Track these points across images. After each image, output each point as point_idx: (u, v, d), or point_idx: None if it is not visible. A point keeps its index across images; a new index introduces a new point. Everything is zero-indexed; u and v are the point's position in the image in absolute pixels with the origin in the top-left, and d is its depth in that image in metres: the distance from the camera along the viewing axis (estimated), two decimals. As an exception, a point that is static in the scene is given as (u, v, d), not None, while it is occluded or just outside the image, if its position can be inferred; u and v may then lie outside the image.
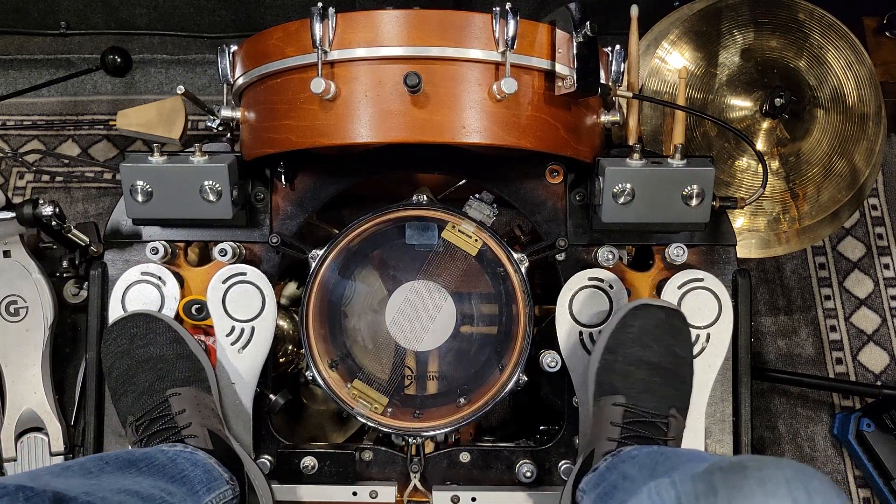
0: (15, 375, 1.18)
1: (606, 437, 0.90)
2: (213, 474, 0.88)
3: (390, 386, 1.03)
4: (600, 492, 0.84)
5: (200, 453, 0.89)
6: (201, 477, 0.86)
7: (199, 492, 0.84)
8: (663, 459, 0.80)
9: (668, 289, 1.02)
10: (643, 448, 0.86)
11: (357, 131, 0.88)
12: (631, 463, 0.83)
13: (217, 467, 0.89)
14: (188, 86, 1.55)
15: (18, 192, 1.58)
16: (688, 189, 0.95)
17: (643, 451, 0.85)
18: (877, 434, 1.36)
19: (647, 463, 0.81)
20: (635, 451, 0.86)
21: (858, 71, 1.25)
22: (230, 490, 0.90)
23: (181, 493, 0.81)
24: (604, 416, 0.92)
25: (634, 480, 0.79)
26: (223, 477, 0.89)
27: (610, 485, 0.83)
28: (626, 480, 0.81)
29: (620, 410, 0.91)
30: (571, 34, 0.89)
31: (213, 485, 0.87)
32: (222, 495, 0.88)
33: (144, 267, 1.03)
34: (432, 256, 1.04)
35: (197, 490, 0.84)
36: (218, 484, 0.88)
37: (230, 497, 0.89)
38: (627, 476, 0.81)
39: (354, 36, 0.87)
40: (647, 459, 0.82)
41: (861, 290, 1.54)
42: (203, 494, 0.84)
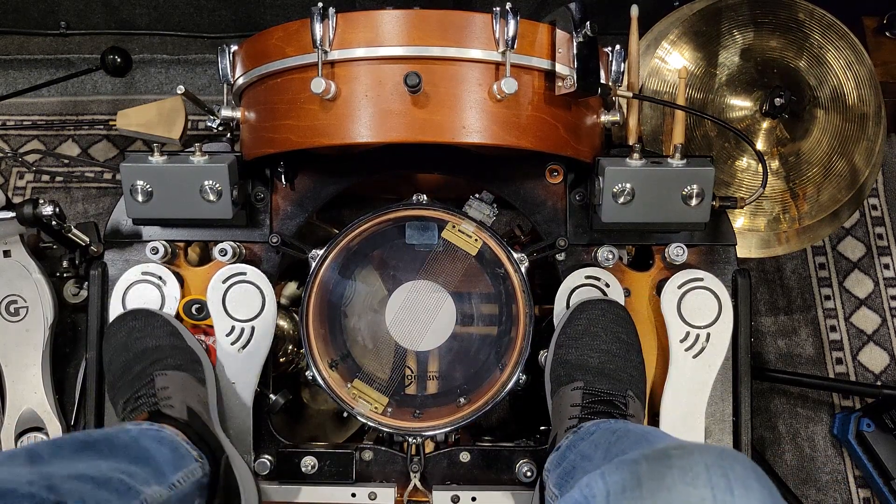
0: (15, 375, 1.18)
1: (567, 417, 0.92)
2: (180, 451, 0.84)
3: (390, 386, 1.03)
4: (561, 471, 0.85)
5: (168, 429, 0.85)
6: (167, 455, 0.82)
7: (165, 471, 0.80)
8: (615, 439, 0.80)
9: (667, 289, 1.02)
10: (601, 423, 0.87)
11: (357, 131, 0.88)
12: (588, 441, 0.84)
13: (184, 444, 0.86)
14: (188, 86, 1.55)
15: (18, 192, 1.58)
16: (688, 189, 0.95)
17: (601, 428, 0.85)
18: (877, 434, 1.36)
19: (602, 442, 0.81)
20: (594, 427, 0.86)
21: (858, 71, 1.25)
22: (199, 468, 0.86)
23: (144, 474, 0.77)
24: (563, 403, 0.94)
25: (591, 460, 0.80)
26: (191, 454, 0.85)
27: (570, 464, 0.84)
28: (584, 460, 0.82)
29: (579, 393, 0.92)
30: (571, 34, 0.89)
31: (181, 462, 0.83)
32: (191, 473, 0.84)
33: (145, 267, 1.03)
34: (432, 256, 1.04)
35: (163, 469, 0.80)
36: (185, 461, 0.84)
37: (200, 475, 0.85)
38: (585, 455, 0.82)
39: (355, 36, 0.87)
40: (603, 438, 0.82)
41: (861, 290, 1.54)
42: (169, 473, 0.81)
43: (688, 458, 0.59)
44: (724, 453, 0.60)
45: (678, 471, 0.58)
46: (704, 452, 0.60)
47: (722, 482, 0.57)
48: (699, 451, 0.60)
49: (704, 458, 0.59)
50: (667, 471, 0.59)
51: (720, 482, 0.57)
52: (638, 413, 0.94)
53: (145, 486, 0.76)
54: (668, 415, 1.02)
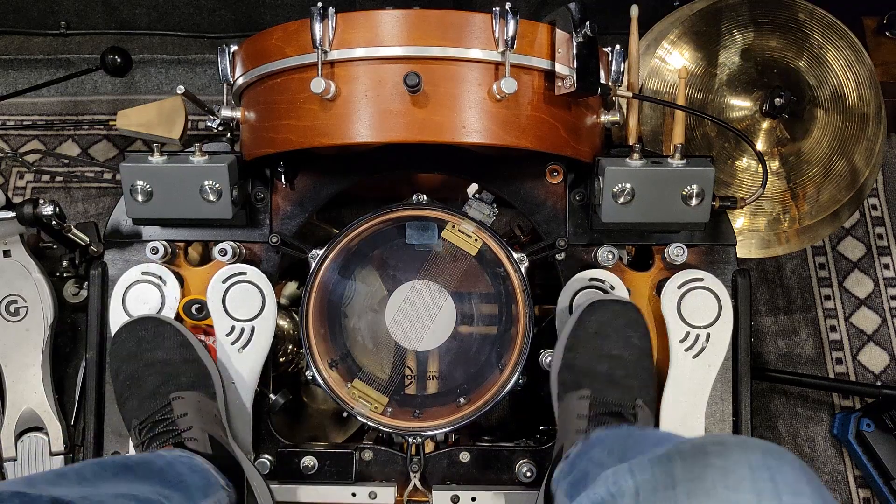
0: (15, 375, 1.18)
1: (574, 430, 0.88)
2: (210, 479, 0.87)
3: (390, 386, 1.03)
4: (572, 479, 0.81)
5: (198, 458, 0.89)
6: (198, 482, 0.85)
7: (196, 497, 0.83)
8: (632, 443, 0.77)
9: (667, 289, 1.02)
10: (612, 430, 0.84)
11: (357, 131, 0.88)
12: (600, 447, 0.81)
13: (214, 473, 0.89)
14: (188, 86, 1.55)
15: (18, 192, 1.58)
16: (688, 189, 0.95)
17: (612, 434, 0.82)
18: (877, 434, 1.36)
19: (615, 448, 0.78)
20: (604, 435, 0.83)
21: (858, 71, 1.25)
22: (226, 496, 0.89)
23: (178, 498, 0.80)
24: (570, 411, 0.91)
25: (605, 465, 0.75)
26: (219, 483, 0.89)
27: (581, 472, 0.80)
28: (597, 467, 0.77)
29: (586, 403, 0.89)
30: (571, 34, 0.89)
31: (210, 490, 0.86)
32: (219, 500, 0.87)
33: (145, 267, 1.03)
34: (432, 256, 1.04)
35: (194, 495, 0.83)
36: (214, 489, 0.87)
37: (226, 502, 0.89)
38: (598, 462, 0.78)
39: (354, 36, 0.87)
40: (617, 444, 0.79)
41: (861, 290, 1.54)
42: (199, 499, 0.84)
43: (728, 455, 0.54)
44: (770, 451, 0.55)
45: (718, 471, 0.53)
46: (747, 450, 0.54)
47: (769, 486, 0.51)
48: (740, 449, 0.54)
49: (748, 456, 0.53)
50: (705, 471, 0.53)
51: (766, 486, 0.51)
52: (647, 422, 0.90)
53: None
54: (668, 415, 1.02)
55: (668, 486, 0.55)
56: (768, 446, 0.55)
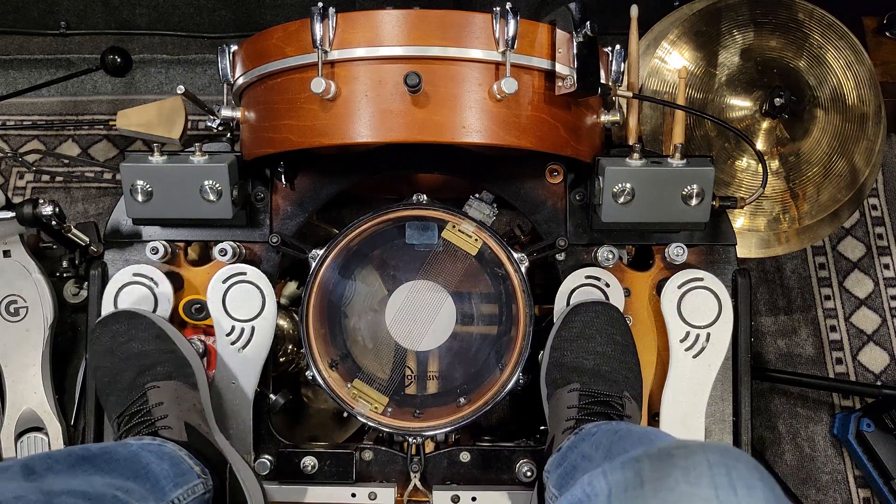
0: (15, 375, 1.18)
1: (564, 419, 0.92)
2: (182, 467, 0.84)
3: (390, 386, 1.03)
4: (561, 472, 0.85)
5: (169, 445, 0.85)
6: (168, 471, 0.81)
7: (165, 487, 0.80)
8: (617, 439, 0.80)
9: (667, 288, 1.02)
10: (602, 425, 0.87)
11: (357, 131, 0.88)
12: (590, 441, 0.84)
13: (187, 459, 0.85)
14: (188, 86, 1.55)
15: (18, 192, 1.58)
16: (688, 189, 0.95)
17: (602, 429, 0.85)
18: (877, 434, 1.36)
19: (603, 443, 0.81)
20: (595, 429, 0.86)
21: (858, 71, 1.25)
22: (201, 484, 0.85)
23: (142, 491, 0.76)
24: (560, 405, 0.94)
25: (592, 460, 0.80)
26: (193, 470, 0.85)
27: (571, 465, 0.84)
28: (585, 460, 0.81)
29: (576, 394, 0.93)
30: (571, 34, 0.89)
31: (182, 479, 0.82)
32: (192, 490, 0.83)
33: (136, 268, 1.02)
34: (432, 256, 1.04)
35: (162, 485, 0.79)
36: (187, 478, 0.83)
37: (202, 491, 0.85)
38: (586, 456, 0.82)
39: (354, 36, 0.87)
40: (605, 438, 0.82)
41: (861, 290, 1.54)
42: (170, 490, 0.80)
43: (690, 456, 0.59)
44: (727, 451, 0.60)
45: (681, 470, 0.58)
46: (707, 451, 0.59)
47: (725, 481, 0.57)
48: (701, 450, 0.60)
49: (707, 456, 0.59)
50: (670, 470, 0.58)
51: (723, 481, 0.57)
52: (634, 414, 0.94)
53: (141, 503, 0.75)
54: (668, 415, 1.02)
55: (636, 486, 0.59)
56: (726, 448, 0.61)
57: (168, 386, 0.91)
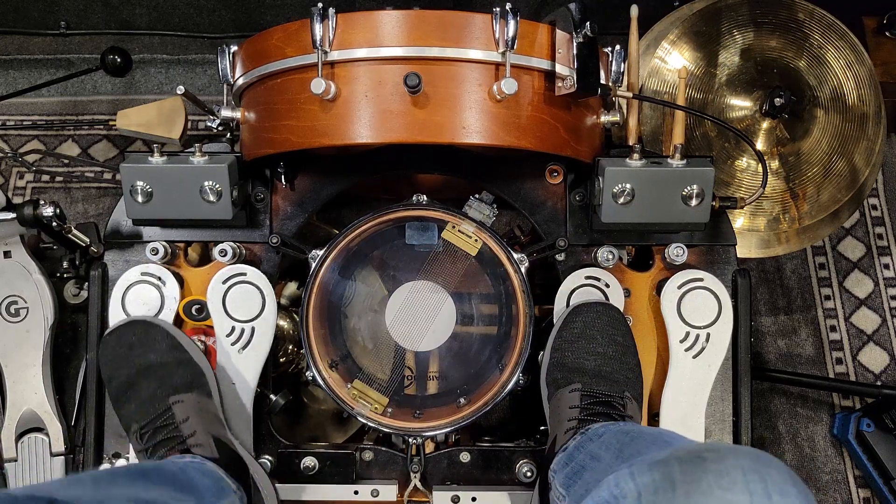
0: (15, 376, 1.18)
1: (567, 419, 0.92)
2: (221, 484, 0.88)
3: (390, 386, 1.03)
4: (569, 471, 0.85)
5: (209, 464, 0.90)
6: (210, 486, 0.86)
7: (208, 500, 0.85)
8: (629, 440, 0.80)
9: (667, 289, 1.02)
10: (610, 426, 0.87)
11: (357, 131, 0.88)
12: (598, 442, 0.84)
13: (225, 477, 0.90)
14: (188, 86, 1.55)
15: (18, 192, 1.58)
16: (688, 189, 0.95)
17: (610, 430, 0.85)
18: (877, 434, 1.36)
19: (613, 443, 0.81)
20: (602, 430, 0.86)
21: (858, 71, 1.25)
22: (238, 499, 0.90)
23: (191, 501, 0.82)
24: (561, 405, 0.94)
25: (601, 460, 0.80)
26: (231, 487, 0.90)
27: (578, 464, 0.84)
28: (594, 461, 0.82)
29: (577, 395, 0.93)
30: (571, 34, 0.89)
31: (221, 493, 0.87)
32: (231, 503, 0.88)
33: (144, 267, 1.03)
34: (432, 256, 1.04)
35: (206, 498, 0.84)
36: (226, 493, 0.88)
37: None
38: (595, 456, 0.82)
39: (354, 36, 0.87)
40: (614, 440, 0.82)
41: (861, 290, 1.54)
42: (212, 502, 0.85)
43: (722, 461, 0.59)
44: (760, 457, 0.60)
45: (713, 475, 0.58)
46: (739, 455, 0.59)
47: (759, 487, 0.57)
48: (733, 455, 0.60)
49: (740, 461, 0.58)
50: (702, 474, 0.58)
51: (758, 487, 0.57)
52: (635, 414, 0.94)
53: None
54: (668, 415, 1.02)
55: (667, 489, 0.59)
56: (758, 453, 0.61)
57: (190, 399, 0.94)
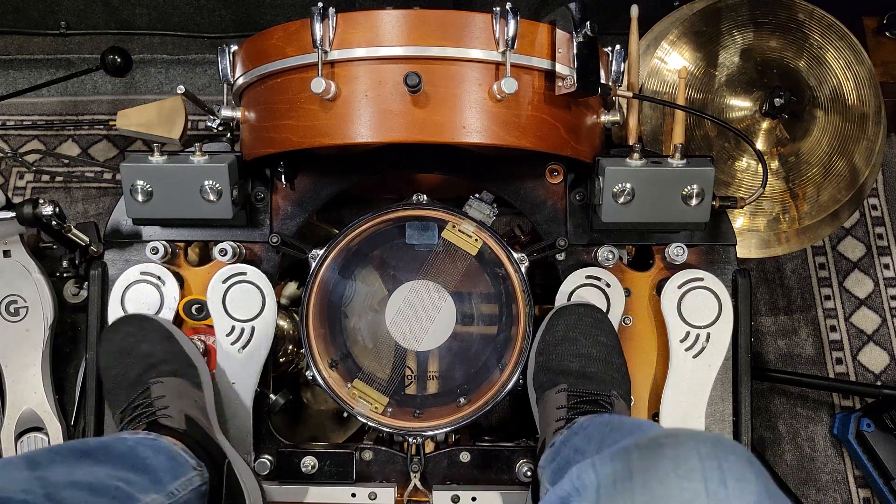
0: (15, 375, 1.18)
1: (555, 419, 0.92)
2: (178, 460, 0.84)
3: (390, 386, 1.03)
4: (555, 467, 0.84)
5: (164, 439, 0.85)
6: (165, 463, 0.82)
7: (163, 479, 0.80)
8: (609, 431, 0.80)
9: (667, 288, 1.02)
10: (595, 418, 0.86)
11: (357, 131, 0.88)
12: (582, 435, 0.83)
13: (182, 453, 0.86)
14: (188, 86, 1.55)
15: (18, 192, 1.58)
16: (688, 189, 0.95)
17: (594, 422, 0.85)
18: (877, 434, 1.36)
19: (595, 436, 0.81)
20: (587, 422, 0.86)
21: (858, 71, 1.25)
22: (197, 476, 0.86)
23: (142, 482, 0.77)
24: (549, 406, 0.94)
25: (585, 453, 0.79)
26: (189, 463, 0.85)
27: (564, 459, 0.83)
28: (578, 454, 0.81)
29: (564, 395, 0.92)
30: (571, 34, 0.89)
31: (179, 471, 0.83)
32: (189, 482, 0.84)
33: (144, 267, 1.03)
34: (432, 256, 1.04)
35: (160, 477, 0.80)
36: (183, 470, 0.84)
37: (198, 483, 0.85)
38: (579, 449, 0.81)
39: (355, 36, 0.87)
40: (596, 431, 0.81)
41: (861, 290, 1.54)
42: (168, 482, 0.81)
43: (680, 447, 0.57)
44: (719, 442, 0.58)
45: (670, 461, 0.56)
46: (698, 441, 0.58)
47: (716, 474, 0.55)
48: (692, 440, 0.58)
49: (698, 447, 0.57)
50: (659, 461, 0.57)
51: (714, 474, 0.55)
52: (623, 412, 0.94)
53: (143, 494, 0.76)
54: (668, 415, 1.02)
55: (625, 478, 0.58)
56: (718, 438, 0.59)
57: (171, 382, 0.93)
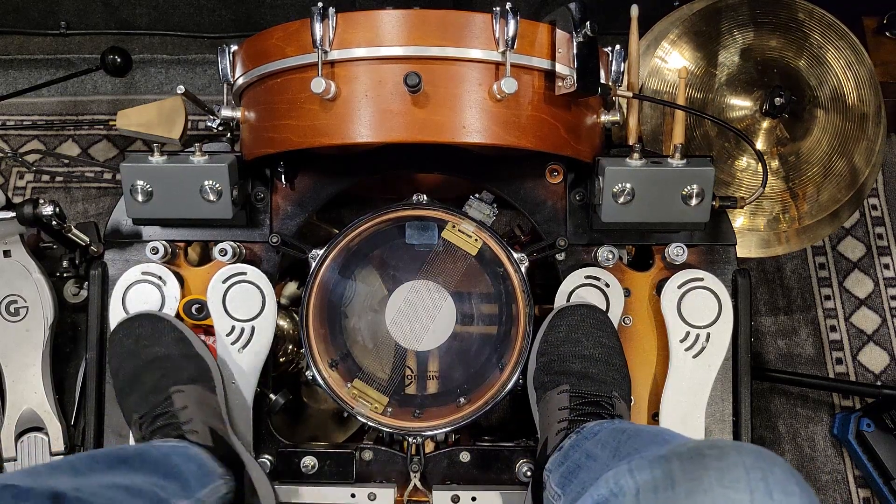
0: (15, 375, 1.18)
1: (557, 421, 0.91)
2: (206, 468, 0.87)
3: (390, 386, 1.03)
4: (564, 470, 0.84)
5: (194, 448, 0.89)
6: (195, 471, 0.85)
7: (193, 486, 0.83)
8: (626, 438, 0.80)
9: (667, 288, 1.02)
10: (605, 424, 0.86)
11: (357, 131, 0.88)
12: (594, 441, 0.83)
13: (210, 461, 0.89)
14: (188, 86, 1.55)
15: (18, 192, 1.58)
16: (688, 189, 0.95)
17: (605, 428, 0.85)
18: (877, 434, 1.36)
19: (609, 441, 0.81)
20: (597, 427, 0.86)
21: (858, 71, 1.25)
22: (224, 485, 0.89)
23: (173, 488, 0.81)
24: (550, 406, 0.94)
25: (598, 459, 0.80)
26: (217, 472, 0.88)
27: (574, 463, 0.83)
28: (590, 459, 0.81)
29: (566, 396, 0.92)
30: (571, 34, 0.89)
31: (207, 479, 0.86)
32: (216, 490, 0.87)
33: (145, 266, 1.03)
34: (432, 256, 1.04)
35: (190, 484, 0.83)
36: (211, 478, 0.87)
37: (224, 492, 0.89)
38: (591, 455, 0.81)
39: (354, 36, 0.87)
40: (610, 438, 0.82)
41: (861, 290, 1.54)
42: (196, 488, 0.84)
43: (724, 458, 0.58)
44: (763, 455, 0.58)
45: (715, 472, 0.57)
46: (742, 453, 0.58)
47: (761, 486, 0.56)
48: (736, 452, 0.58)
49: (743, 458, 0.57)
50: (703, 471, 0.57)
51: (759, 486, 0.56)
52: (624, 414, 0.94)
53: (175, 499, 0.79)
54: (668, 415, 1.02)
55: (667, 487, 0.58)
56: (760, 450, 0.59)
57: (191, 390, 0.94)
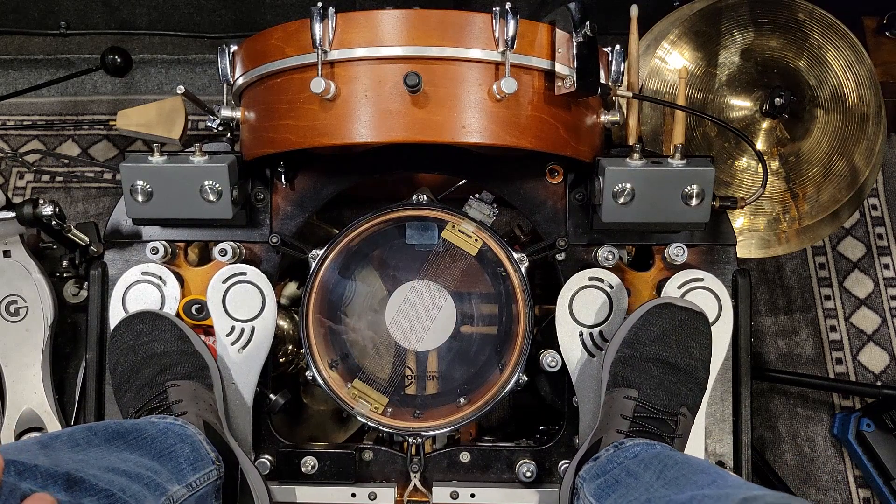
0: (15, 375, 1.18)
1: (615, 429, 0.90)
2: (200, 452, 0.87)
3: (390, 386, 1.03)
4: (601, 483, 0.84)
5: (190, 428, 0.88)
6: (188, 454, 0.85)
7: (185, 470, 0.83)
8: (672, 464, 0.80)
9: (668, 289, 1.02)
10: (647, 448, 0.86)
11: (357, 131, 0.88)
12: (635, 461, 0.83)
13: (204, 444, 0.88)
14: (188, 86, 1.55)
15: (18, 192, 1.58)
16: (688, 189, 0.95)
17: (648, 452, 0.84)
18: (877, 434, 1.36)
19: (653, 464, 0.81)
20: (639, 449, 0.85)
21: (858, 71, 1.25)
22: (215, 471, 0.88)
23: (166, 472, 0.80)
24: (615, 407, 0.92)
25: (639, 478, 0.80)
26: (209, 456, 0.88)
27: (612, 478, 0.83)
28: (631, 477, 0.81)
29: (632, 404, 0.91)
30: (571, 34, 0.89)
31: (199, 464, 0.86)
32: (206, 476, 0.86)
33: (145, 267, 1.03)
34: (432, 256, 1.04)
35: (182, 468, 0.83)
36: (203, 464, 0.87)
37: (215, 478, 0.88)
38: (631, 473, 0.81)
39: (354, 36, 0.87)
40: (654, 461, 0.82)
41: (861, 290, 1.54)
42: (188, 473, 0.83)
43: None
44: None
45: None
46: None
47: None
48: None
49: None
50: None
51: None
52: (686, 430, 0.92)
53: (169, 485, 0.79)
54: (668, 415, 1.02)
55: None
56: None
57: (187, 385, 0.94)
